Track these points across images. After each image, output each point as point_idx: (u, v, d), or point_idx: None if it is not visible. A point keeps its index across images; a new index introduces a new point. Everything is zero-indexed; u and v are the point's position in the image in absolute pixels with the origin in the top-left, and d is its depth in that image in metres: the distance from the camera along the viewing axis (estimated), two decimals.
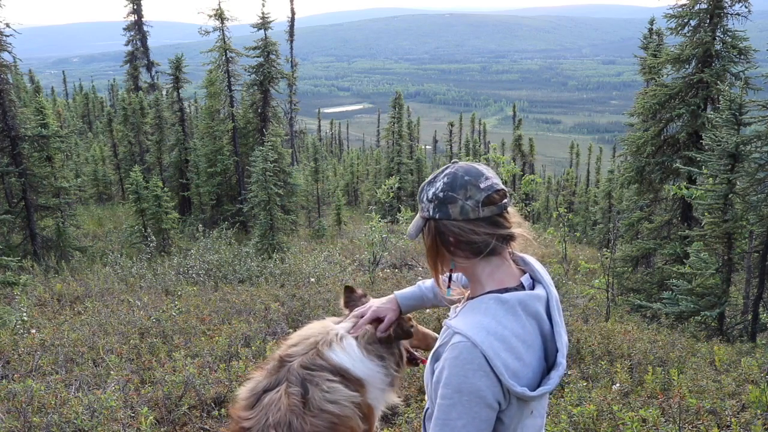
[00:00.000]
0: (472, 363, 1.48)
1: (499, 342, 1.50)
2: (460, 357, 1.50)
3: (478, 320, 1.54)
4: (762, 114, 8.28)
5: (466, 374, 1.49)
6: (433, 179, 1.63)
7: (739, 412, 4.05)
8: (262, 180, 14.07)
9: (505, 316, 1.54)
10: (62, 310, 7.41)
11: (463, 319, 1.58)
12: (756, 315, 8.05)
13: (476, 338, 1.50)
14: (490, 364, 1.48)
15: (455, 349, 1.52)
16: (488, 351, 1.48)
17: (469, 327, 1.53)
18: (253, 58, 19.54)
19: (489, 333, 1.51)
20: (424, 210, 1.63)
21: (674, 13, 11.68)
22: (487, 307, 1.56)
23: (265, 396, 2.15)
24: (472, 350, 1.49)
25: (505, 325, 1.53)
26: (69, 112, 36.10)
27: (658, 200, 12.50)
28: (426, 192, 1.63)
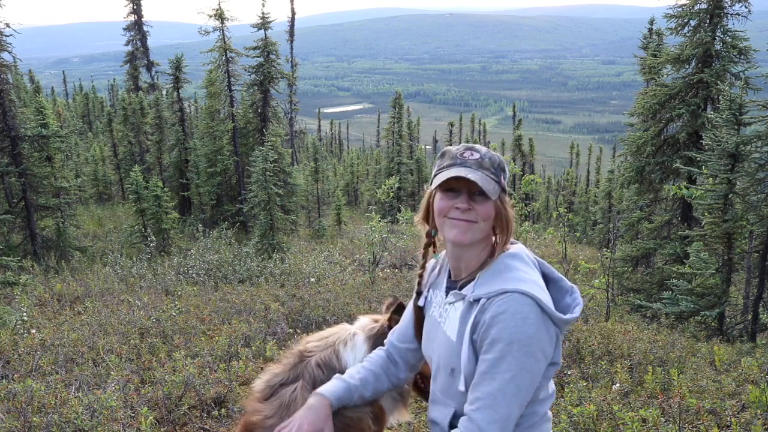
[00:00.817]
0: (523, 311, 1.59)
1: (539, 288, 1.66)
2: (510, 309, 1.59)
3: (513, 276, 1.68)
4: (762, 114, 8.28)
5: (517, 324, 1.58)
6: (473, 148, 1.75)
7: (739, 412, 4.05)
8: (262, 180, 14.06)
9: (525, 267, 1.72)
10: (62, 310, 7.41)
11: (496, 282, 1.68)
12: (756, 315, 8.05)
13: (523, 288, 1.62)
14: (542, 307, 1.61)
15: (503, 304, 1.61)
16: (537, 295, 1.60)
17: (509, 283, 1.65)
18: (253, 58, 19.54)
19: (528, 282, 1.65)
20: (495, 178, 1.72)
21: (674, 13, 11.68)
22: (508, 264, 1.73)
23: (281, 390, 2.15)
24: (522, 299, 1.60)
25: (530, 274, 1.70)
26: (69, 112, 36.09)
27: (658, 200, 12.50)
28: (487, 157, 1.73)
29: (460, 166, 1.71)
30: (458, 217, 1.71)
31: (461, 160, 1.72)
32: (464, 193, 1.71)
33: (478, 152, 1.74)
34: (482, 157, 1.73)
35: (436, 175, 1.75)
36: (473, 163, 1.71)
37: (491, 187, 1.69)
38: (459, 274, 1.84)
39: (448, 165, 1.74)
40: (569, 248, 16.94)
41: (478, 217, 1.70)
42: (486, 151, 1.75)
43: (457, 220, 1.71)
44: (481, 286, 1.71)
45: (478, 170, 1.69)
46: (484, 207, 1.70)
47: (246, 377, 4.41)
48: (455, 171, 1.70)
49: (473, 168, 1.70)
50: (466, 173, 1.68)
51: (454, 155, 1.75)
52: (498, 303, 1.61)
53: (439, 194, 1.76)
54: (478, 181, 1.66)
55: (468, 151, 1.74)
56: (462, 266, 1.82)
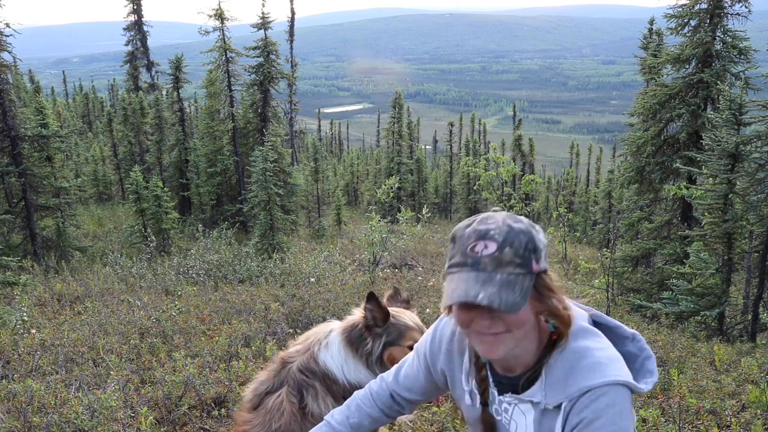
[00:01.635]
0: (616, 406, 1.35)
1: (619, 364, 1.42)
2: (604, 411, 1.34)
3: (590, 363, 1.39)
4: (762, 114, 8.28)
5: (614, 422, 1.34)
6: (487, 235, 1.34)
7: (739, 412, 4.05)
8: (262, 180, 14.06)
9: (596, 343, 1.45)
10: (62, 310, 7.41)
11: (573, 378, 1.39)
12: (756, 315, 8.05)
13: (610, 377, 1.36)
14: (631, 389, 1.39)
15: (595, 407, 1.34)
16: (624, 379, 1.37)
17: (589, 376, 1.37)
18: (253, 58, 19.53)
19: (609, 365, 1.39)
20: (523, 270, 1.33)
21: (674, 13, 11.68)
22: (577, 350, 1.43)
23: (267, 398, 2.17)
24: (613, 392, 1.35)
25: (605, 349, 1.44)
26: (69, 112, 36.08)
27: (658, 200, 12.50)
28: (508, 245, 1.32)
29: (472, 269, 1.32)
30: (482, 331, 1.38)
31: (473, 258, 1.32)
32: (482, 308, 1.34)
33: (494, 240, 1.31)
34: (501, 249, 1.31)
35: (448, 274, 1.38)
36: (488, 262, 1.30)
37: (516, 293, 1.30)
38: (509, 369, 1.53)
39: (458, 264, 1.35)
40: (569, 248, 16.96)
41: (509, 326, 1.36)
42: (505, 231, 1.32)
43: (483, 334, 1.38)
44: (554, 388, 1.42)
45: (497, 272, 1.30)
46: (512, 315, 1.33)
47: (246, 377, 4.41)
48: (463, 285, 1.31)
49: (489, 271, 1.30)
50: (478, 290, 1.29)
51: (464, 247, 1.35)
52: (587, 404, 1.35)
53: (455, 309, 1.43)
54: (495, 302, 1.27)
55: (480, 243, 1.32)
56: (511, 363, 1.51)
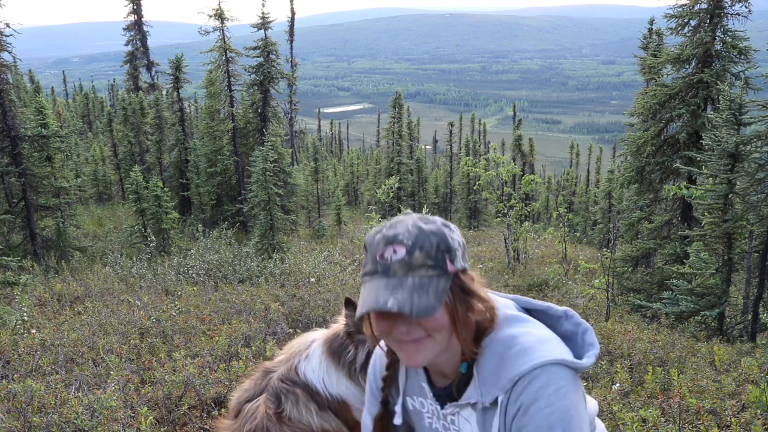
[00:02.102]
0: (551, 385, 1.27)
1: (550, 342, 1.35)
2: (539, 393, 1.27)
3: (519, 349, 1.32)
4: (762, 114, 8.28)
5: (551, 404, 1.26)
6: (395, 240, 1.28)
7: (739, 412, 4.05)
8: (262, 180, 14.06)
9: (520, 327, 1.39)
10: (62, 310, 7.41)
11: (504, 368, 1.33)
12: (756, 315, 8.05)
13: (539, 358, 1.29)
14: (566, 364, 1.30)
15: (529, 392, 1.27)
16: (557, 356, 1.29)
17: (519, 362, 1.31)
18: (253, 58, 19.54)
19: (537, 346, 1.33)
20: (437, 272, 1.27)
21: (674, 13, 11.68)
22: (502, 339, 1.37)
23: (246, 406, 2.19)
24: (545, 372, 1.28)
25: (532, 331, 1.37)
26: (69, 112, 36.09)
27: (658, 200, 12.50)
28: (418, 247, 1.26)
29: (382, 276, 1.26)
30: (401, 338, 1.31)
31: (382, 265, 1.27)
32: (397, 315, 1.29)
33: (403, 245, 1.25)
34: (410, 252, 1.25)
35: (362, 286, 1.33)
36: (398, 267, 1.25)
37: (431, 296, 1.24)
38: (445, 376, 1.47)
39: (369, 272, 1.30)
40: (569, 248, 16.95)
41: (428, 330, 1.30)
42: (414, 234, 1.27)
43: (402, 342, 1.32)
44: (487, 384, 1.35)
45: (407, 277, 1.24)
46: (430, 320, 1.28)
47: (246, 377, 4.41)
48: (374, 293, 1.25)
49: (399, 276, 1.25)
50: (387, 297, 1.23)
51: (374, 255, 1.29)
52: (521, 392, 1.28)
53: (372, 317, 1.35)
54: (406, 307, 1.21)
55: (388, 248, 1.27)
56: (445, 370, 1.45)
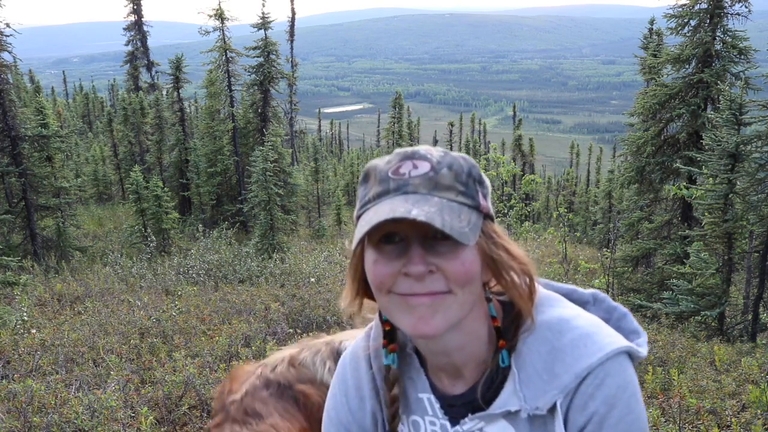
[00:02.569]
0: (627, 388, 0.94)
1: (609, 329, 1.00)
2: (628, 386, 0.94)
3: (574, 337, 0.96)
4: (762, 114, 8.28)
5: (631, 409, 0.94)
6: (416, 155, 0.96)
7: (739, 412, 4.05)
8: (262, 180, 14.06)
9: (569, 310, 1.02)
10: (62, 310, 7.41)
11: (560, 360, 0.95)
12: (756, 315, 8.05)
13: (618, 340, 0.96)
14: (631, 355, 0.98)
15: (614, 379, 0.93)
16: (622, 344, 0.96)
17: (581, 354, 0.94)
18: (253, 58, 19.54)
19: (603, 325, 1.00)
20: (467, 200, 0.94)
21: (674, 13, 11.68)
22: (550, 322, 1.00)
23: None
24: (617, 367, 0.94)
25: (582, 315, 1.02)
26: (69, 112, 36.09)
27: (658, 200, 12.50)
28: (445, 166, 0.94)
29: (396, 194, 0.92)
30: (412, 291, 0.92)
31: (397, 181, 0.93)
32: (414, 243, 0.92)
33: (426, 160, 0.94)
34: (435, 168, 0.93)
35: (359, 217, 0.96)
36: (420, 182, 0.92)
37: (463, 222, 0.90)
38: (457, 375, 1.04)
39: (376, 196, 0.95)
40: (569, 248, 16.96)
41: (450, 281, 0.91)
42: (441, 154, 0.96)
43: (412, 296, 0.92)
44: (535, 385, 0.96)
45: (432, 195, 0.92)
46: (457, 261, 0.91)
47: None
48: (388, 207, 0.90)
49: (422, 192, 0.92)
50: (409, 208, 0.88)
51: (383, 174, 0.95)
52: (593, 393, 0.93)
53: (370, 251, 0.95)
54: (436, 219, 0.87)
55: (406, 163, 0.94)
56: (458, 364, 1.02)
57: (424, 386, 1.08)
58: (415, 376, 1.09)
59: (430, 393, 1.07)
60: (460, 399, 1.04)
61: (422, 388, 1.08)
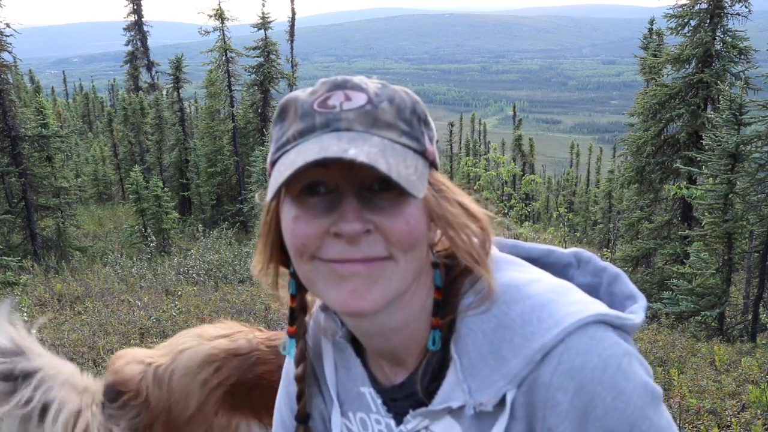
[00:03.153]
0: (624, 349, 0.73)
1: (575, 296, 0.78)
2: (598, 364, 0.71)
3: (530, 306, 0.75)
4: (762, 114, 8.28)
5: (632, 383, 0.71)
6: (347, 84, 0.76)
7: (739, 412, 4.06)
8: (262, 180, 14.07)
9: (523, 272, 0.82)
10: (62, 310, 7.41)
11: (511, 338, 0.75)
12: (756, 315, 8.05)
13: (586, 307, 0.74)
14: (612, 324, 0.75)
15: (582, 358, 0.71)
16: (603, 309, 0.75)
17: (538, 329, 0.73)
18: (253, 58, 19.56)
19: (571, 290, 0.79)
20: (412, 142, 0.76)
21: (674, 13, 11.69)
22: (510, 270, 0.82)
23: None
24: (603, 333, 0.72)
25: (541, 280, 0.80)
26: (69, 112, 36.11)
27: (658, 200, 12.51)
28: (385, 99, 0.75)
29: (324, 131, 0.73)
30: (343, 256, 0.73)
31: (326, 115, 0.73)
32: (348, 194, 0.73)
33: (362, 91, 0.75)
34: (373, 101, 0.74)
35: (275, 163, 0.76)
36: (355, 117, 0.73)
37: (410, 169, 0.72)
38: (399, 363, 0.85)
39: (297, 134, 0.74)
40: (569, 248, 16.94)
41: (391, 244, 0.73)
42: (378, 86, 0.77)
43: (343, 263, 0.73)
44: (480, 372, 0.76)
45: (370, 133, 0.73)
46: (400, 218, 0.73)
47: None
48: (316, 146, 0.71)
49: (357, 130, 0.73)
50: (344, 146, 0.69)
51: (306, 107, 0.75)
52: (556, 383, 0.71)
53: (288, 206, 0.76)
54: (380, 162, 0.68)
55: (336, 93, 0.74)
56: (398, 349, 0.84)
57: (363, 378, 0.90)
58: (353, 367, 0.91)
59: (370, 386, 0.89)
60: (400, 391, 0.86)
61: (362, 380, 0.90)
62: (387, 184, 0.71)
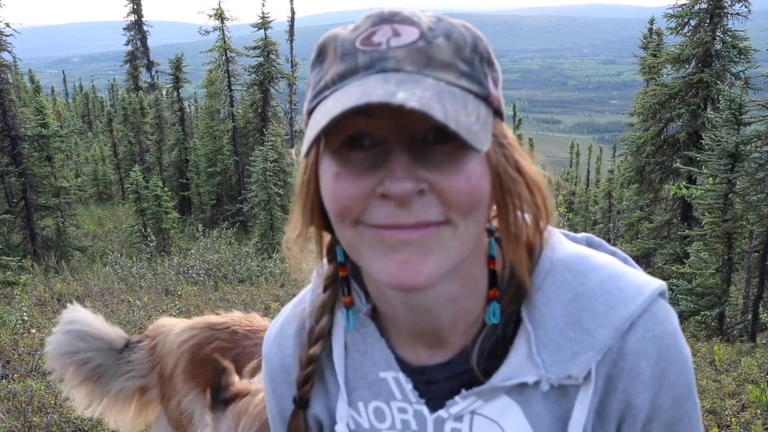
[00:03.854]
0: (671, 331, 0.74)
1: (634, 267, 0.80)
2: (677, 332, 0.75)
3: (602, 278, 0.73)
4: (762, 114, 8.29)
5: (687, 349, 0.75)
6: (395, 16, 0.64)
7: (739, 412, 4.06)
8: (262, 180, 14.07)
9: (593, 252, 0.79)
10: (62, 309, 7.41)
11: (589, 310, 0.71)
12: (756, 315, 8.05)
13: (651, 279, 0.75)
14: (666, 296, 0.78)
15: (662, 326, 0.73)
16: (658, 285, 0.75)
17: (631, 279, 0.73)
18: (253, 57, 19.56)
19: (626, 260, 0.80)
20: (475, 85, 0.65)
21: (674, 13, 11.70)
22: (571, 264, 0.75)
23: None
24: (665, 303, 0.76)
25: (608, 258, 0.78)
26: (69, 111, 36.11)
27: (658, 200, 12.51)
28: (441, 34, 0.64)
29: (368, 73, 0.62)
30: (392, 221, 0.62)
31: (370, 54, 0.62)
32: (397, 148, 0.62)
33: (413, 24, 0.63)
34: (427, 37, 0.63)
35: (312, 112, 0.67)
36: (405, 55, 0.62)
37: (471, 117, 0.60)
38: (436, 343, 0.76)
39: (337, 77, 0.64)
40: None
41: (449, 206, 0.63)
42: (433, 19, 0.65)
43: (393, 229, 0.63)
44: (557, 344, 0.71)
45: (424, 74, 0.61)
46: (460, 176, 0.62)
47: None
48: (358, 89, 0.60)
49: (408, 71, 0.61)
50: (392, 90, 0.58)
51: (347, 46, 0.64)
52: (641, 351, 0.70)
53: (328, 161, 0.66)
54: (435, 108, 0.57)
55: (383, 28, 0.63)
56: (444, 325, 0.74)
57: (387, 361, 0.79)
58: (372, 349, 0.79)
59: (397, 370, 0.78)
60: (443, 371, 0.76)
61: (384, 364, 0.79)
62: (444, 135, 0.61)
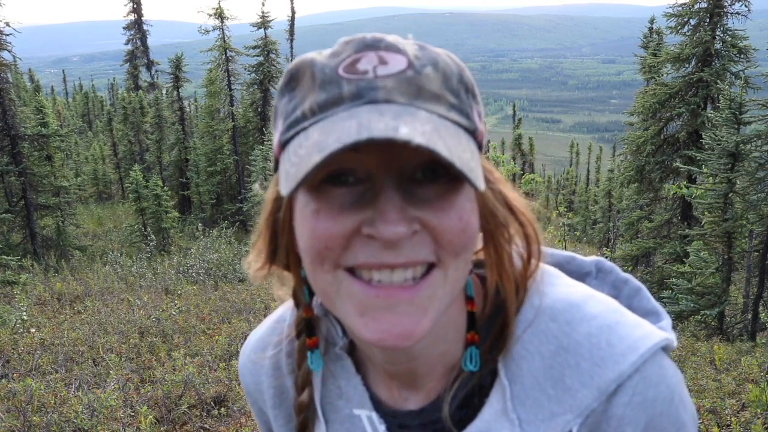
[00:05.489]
0: (680, 382, 0.66)
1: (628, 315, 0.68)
2: (683, 400, 0.65)
3: (601, 313, 0.66)
4: (762, 113, 8.28)
5: (689, 414, 0.66)
6: (380, 43, 0.56)
7: (739, 412, 4.06)
8: (262, 179, 14.07)
9: (567, 279, 0.73)
10: (62, 309, 7.41)
11: (590, 347, 0.64)
12: (756, 314, 8.05)
13: (651, 331, 0.65)
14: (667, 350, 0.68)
15: (656, 390, 0.63)
16: (660, 336, 0.65)
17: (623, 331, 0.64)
18: (253, 57, 19.56)
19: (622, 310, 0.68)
20: (462, 118, 0.58)
21: (674, 12, 11.69)
22: (558, 284, 0.69)
23: None
24: (667, 362, 0.66)
25: (599, 299, 0.69)
26: (69, 111, 36.11)
27: (658, 199, 12.51)
28: (429, 64, 0.57)
29: (356, 103, 0.53)
30: (380, 262, 0.54)
31: (356, 82, 0.54)
32: (387, 186, 0.54)
33: (400, 53, 0.55)
34: (415, 66, 0.55)
35: (286, 144, 0.57)
36: (395, 85, 0.54)
37: (466, 153, 0.53)
38: (413, 385, 0.71)
39: (318, 107, 0.55)
40: (569, 247, 16.98)
41: (441, 246, 0.55)
42: (416, 47, 0.57)
43: (381, 289, 0.55)
44: (535, 399, 0.65)
45: (416, 106, 0.54)
46: (452, 213, 0.55)
47: None
48: (352, 122, 0.51)
49: (400, 102, 0.53)
50: (392, 123, 0.50)
51: (328, 73, 0.55)
52: (632, 417, 0.62)
53: (305, 198, 0.57)
54: (438, 144, 0.50)
55: (368, 55, 0.55)
56: (422, 369, 0.69)
57: (361, 399, 0.73)
58: (347, 385, 0.74)
59: (371, 409, 0.73)
60: (416, 418, 0.71)
61: (358, 401, 0.73)
62: (432, 173, 0.55)
